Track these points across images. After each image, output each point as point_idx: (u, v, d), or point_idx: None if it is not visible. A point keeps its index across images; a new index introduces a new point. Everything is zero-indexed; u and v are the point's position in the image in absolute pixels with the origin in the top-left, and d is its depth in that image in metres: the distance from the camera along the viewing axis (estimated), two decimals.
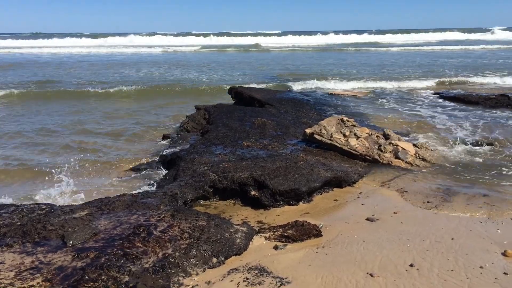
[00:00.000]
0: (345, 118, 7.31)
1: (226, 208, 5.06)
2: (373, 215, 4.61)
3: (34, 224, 3.76)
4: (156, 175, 6.38)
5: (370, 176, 5.93)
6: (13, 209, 4.07)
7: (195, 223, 3.92)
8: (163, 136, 8.59)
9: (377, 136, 6.91)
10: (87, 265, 3.13)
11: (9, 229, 3.68)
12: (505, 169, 6.12)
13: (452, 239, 3.97)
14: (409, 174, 5.99)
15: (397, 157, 6.43)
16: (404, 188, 5.45)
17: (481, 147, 7.20)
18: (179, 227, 3.80)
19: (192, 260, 3.45)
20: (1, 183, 6.35)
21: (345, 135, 6.74)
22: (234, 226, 4.08)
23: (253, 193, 5.06)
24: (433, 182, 5.67)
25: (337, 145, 6.57)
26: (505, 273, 3.35)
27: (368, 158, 6.42)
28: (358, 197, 5.25)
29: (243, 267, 3.52)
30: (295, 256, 3.72)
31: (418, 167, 6.27)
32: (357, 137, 6.73)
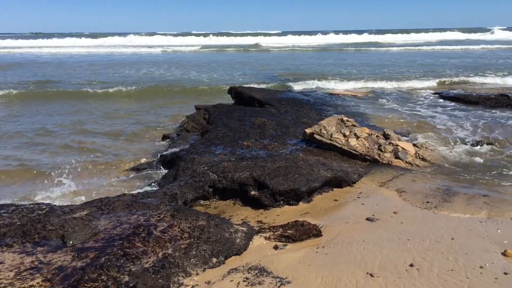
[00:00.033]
0: (345, 118, 7.31)
1: (226, 208, 5.06)
2: (373, 215, 4.61)
3: (34, 224, 3.76)
4: (156, 175, 6.38)
5: (370, 176, 5.93)
6: (13, 209, 4.07)
7: (195, 223, 3.92)
8: (163, 136, 8.59)
9: (377, 136, 6.91)
10: (87, 265, 3.13)
11: (9, 229, 3.68)
12: (505, 169, 6.12)
13: (452, 239, 3.97)
14: (409, 174, 5.99)
15: (397, 157, 6.43)
16: (404, 188, 5.45)
17: (481, 147, 7.20)
18: (179, 227, 3.80)
19: (192, 260, 3.45)
20: (0, 183, 6.35)
21: (345, 135, 6.74)
22: (234, 226, 4.08)
23: (253, 193, 5.06)
24: (433, 182, 5.67)
25: (337, 145, 6.57)
26: (505, 273, 3.35)
27: (368, 158, 6.42)
28: (358, 197, 5.25)
29: (243, 267, 3.52)
30: (295, 256, 3.72)
31: (418, 167, 6.27)
32: (357, 137, 6.73)
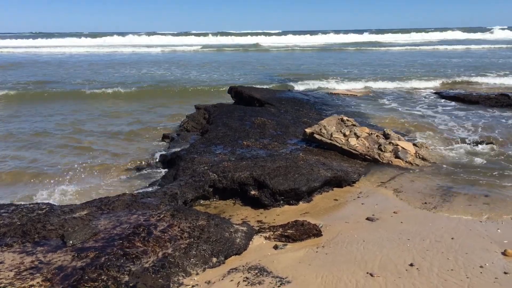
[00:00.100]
0: (345, 118, 7.31)
1: (226, 207, 5.06)
2: (373, 215, 4.61)
3: (34, 224, 3.76)
4: (156, 174, 6.38)
5: (370, 176, 5.93)
6: (13, 209, 4.07)
7: (195, 222, 3.91)
8: (163, 135, 8.59)
9: (377, 136, 6.91)
10: (87, 265, 3.13)
11: (9, 228, 3.69)
12: (506, 169, 6.12)
13: (452, 238, 3.97)
14: (409, 173, 5.99)
15: (397, 157, 6.42)
16: (404, 188, 5.45)
17: (482, 146, 7.20)
18: (179, 227, 3.80)
19: (192, 259, 3.45)
20: (0, 183, 6.35)
21: (345, 135, 6.74)
22: (234, 225, 4.08)
23: (253, 192, 5.06)
24: (433, 181, 5.66)
25: (337, 144, 6.57)
26: (505, 273, 3.35)
27: (368, 157, 6.42)
28: (358, 197, 5.25)
29: (243, 266, 3.52)
30: (295, 255, 3.72)
31: (418, 166, 6.27)
32: (357, 136, 6.73)
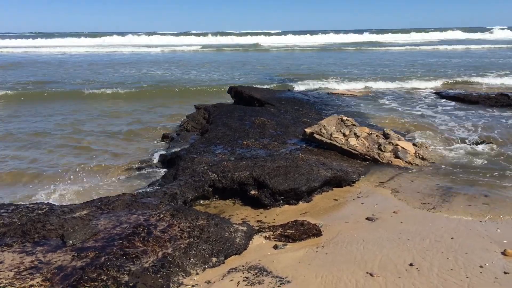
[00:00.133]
0: (345, 118, 7.31)
1: (225, 207, 5.06)
2: (372, 215, 4.61)
3: (33, 224, 3.76)
4: (156, 174, 6.38)
5: (370, 176, 5.93)
6: (12, 209, 4.07)
7: (195, 222, 3.91)
8: (163, 135, 8.58)
9: (377, 136, 6.91)
10: (86, 265, 3.13)
11: (9, 228, 3.68)
12: (505, 169, 6.12)
13: (451, 238, 3.97)
14: (409, 173, 5.99)
15: (397, 157, 6.42)
16: (404, 188, 5.45)
17: (481, 147, 7.19)
18: (178, 227, 3.80)
19: (192, 259, 3.45)
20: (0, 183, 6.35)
21: (345, 135, 6.74)
22: (233, 225, 4.08)
23: (252, 192, 5.06)
24: (433, 181, 5.66)
25: (337, 144, 6.57)
26: (505, 272, 3.36)
27: (368, 157, 6.42)
28: (358, 197, 5.25)
29: (243, 266, 3.52)
30: (294, 255, 3.72)
31: (417, 166, 6.27)
32: (357, 136, 6.73)
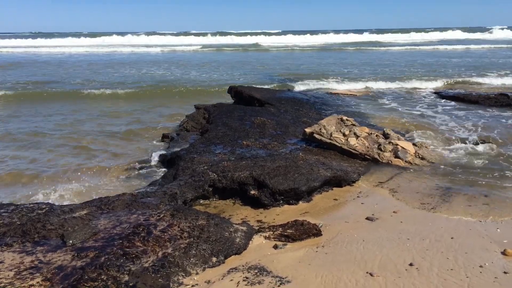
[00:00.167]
0: (344, 118, 7.31)
1: (225, 207, 5.06)
2: (372, 214, 4.61)
3: (33, 224, 3.76)
4: (155, 174, 6.38)
5: (369, 176, 5.93)
6: (12, 209, 4.07)
7: (195, 222, 3.92)
8: (163, 135, 8.58)
9: (376, 136, 6.91)
10: (86, 265, 3.13)
11: (9, 228, 3.69)
12: (505, 169, 6.12)
13: (451, 238, 3.97)
14: (408, 173, 5.99)
15: (396, 157, 6.43)
16: (403, 188, 5.45)
17: (481, 146, 7.19)
18: (178, 227, 3.80)
19: (191, 259, 3.45)
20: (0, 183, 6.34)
21: (344, 135, 6.74)
22: (233, 225, 4.08)
23: (252, 192, 5.06)
24: (432, 181, 5.66)
25: (337, 144, 6.57)
26: (505, 272, 3.36)
27: (368, 157, 6.42)
28: (358, 197, 5.25)
29: (242, 266, 3.52)
30: (294, 255, 3.72)
31: (417, 166, 6.27)
32: (357, 136, 6.73)
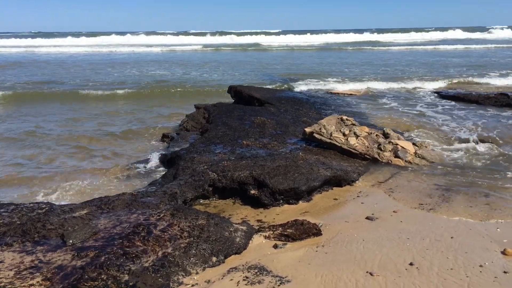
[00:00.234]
0: (344, 117, 7.31)
1: (225, 207, 5.06)
2: (372, 214, 4.61)
3: (33, 223, 3.76)
4: (155, 174, 6.38)
5: (369, 175, 5.93)
6: (12, 208, 4.07)
7: (195, 222, 3.92)
8: (163, 135, 8.58)
9: (376, 135, 6.91)
10: (86, 264, 3.13)
11: (9, 228, 3.69)
12: (505, 169, 6.12)
13: (451, 237, 3.97)
14: (408, 173, 5.99)
15: (396, 156, 6.43)
16: (403, 187, 5.45)
17: (481, 146, 7.19)
18: (178, 226, 3.80)
19: (192, 259, 3.45)
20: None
21: (344, 134, 6.74)
22: (233, 225, 4.08)
23: (252, 192, 5.06)
24: (432, 181, 5.66)
25: (337, 144, 6.57)
26: (505, 272, 3.36)
27: (368, 157, 6.42)
28: (358, 196, 5.25)
29: (242, 266, 3.52)
30: (294, 255, 3.73)
31: (417, 166, 6.27)
32: (357, 136, 6.73)
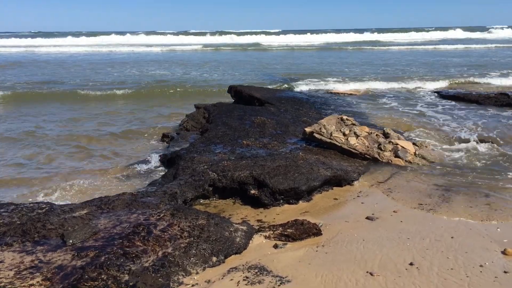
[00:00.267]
0: (344, 117, 7.31)
1: (225, 207, 5.06)
2: (372, 214, 4.61)
3: (33, 223, 3.76)
4: (155, 174, 6.38)
5: (369, 175, 5.93)
6: (12, 208, 4.07)
7: (195, 222, 3.92)
8: (163, 135, 8.58)
9: (376, 135, 6.91)
10: (87, 264, 3.13)
11: (9, 228, 3.69)
12: (506, 169, 6.12)
13: (451, 237, 3.97)
14: (408, 173, 5.99)
15: (396, 156, 6.42)
16: (404, 187, 5.45)
17: (481, 146, 7.19)
18: (179, 226, 3.80)
19: (192, 259, 3.45)
20: None
21: (344, 134, 6.74)
22: (233, 225, 4.08)
23: (252, 192, 5.06)
24: (432, 181, 5.66)
25: (337, 144, 6.57)
26: (505, 272, 3.36)
27: (368, 156, 6.42)
28: (358, 196, 5.25)
29: (243, 266, 3.52)
30: (295, 255, 3.72)
31: (417, 165, 6.27)
32: (357, 136, 6.73)
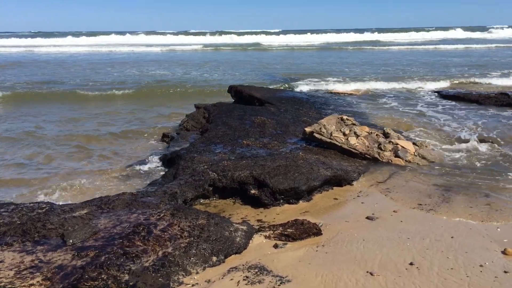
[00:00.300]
0: (345, 117, 7.31)
1: (226, 206, 5.06)
2: (373, 214, 4.61)
3: (34, 223, 3.76)
4: (156, 174, 6.38)
5: (370, 175, 5.93)
6: (12, 208, 4.07)
7: (195, 221, 3.92)
8: (163, 135, 8.58)
9: (377, 135, 6.91)
10: (87, 264, 3.13)
11: (9, 228, 3.69)
12: (506, 169, 6.12)
13: (452, 237, 3.97)
14: (408, 172, 5.99)
15: (397, 156, 6.43)
16: (404, 187, 5.45)
17: (482, 146, 7.19)
18: (179, 226, 3.80)
19: (192, 258, 3.45)
20: None
21: (344, 134, 6.74)
22: (234, 224, 4.08)
23: (253, 191, 5.06)
24: (432, 181, 5.66)
25: (337, 143, 6.57)
26: (505, 272, 3.36)
27: (368, 156, 6.42)
28: (358, 196, 5.25)
29: (243, 265, 3.52)
30: (295, 254, 3.73)
31: (418, 165, 6.27)
32: (357, 135, 6.73)
